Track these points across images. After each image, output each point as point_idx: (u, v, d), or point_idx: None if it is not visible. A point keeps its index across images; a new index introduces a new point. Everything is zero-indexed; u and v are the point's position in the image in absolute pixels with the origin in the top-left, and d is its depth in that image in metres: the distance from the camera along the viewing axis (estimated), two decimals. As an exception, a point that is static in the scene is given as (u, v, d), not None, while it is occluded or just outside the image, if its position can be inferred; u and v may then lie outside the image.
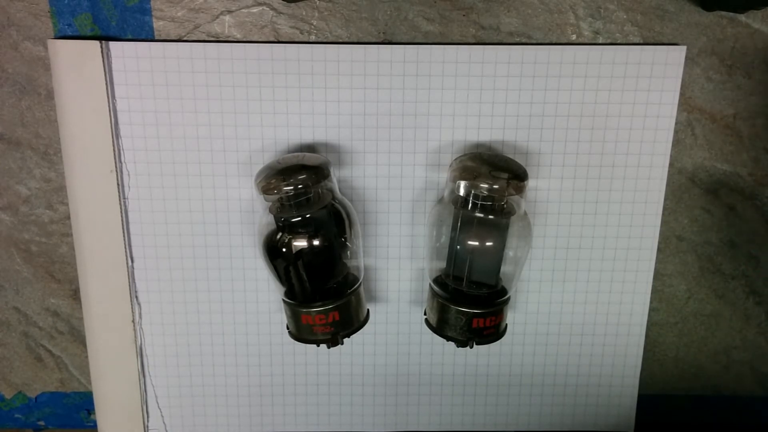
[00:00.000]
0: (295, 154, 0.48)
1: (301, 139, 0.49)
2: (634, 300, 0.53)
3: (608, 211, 0.51)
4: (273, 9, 0.46)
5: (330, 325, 0.45)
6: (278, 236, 0.45)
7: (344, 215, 0.47)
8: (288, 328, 0.48)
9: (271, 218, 0.46)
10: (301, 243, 0.45)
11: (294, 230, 0.45)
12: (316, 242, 0.45)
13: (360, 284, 0.47)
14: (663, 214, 0.51)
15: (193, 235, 0.51)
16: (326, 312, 0.45)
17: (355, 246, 0.48)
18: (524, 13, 0.47)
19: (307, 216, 0.45)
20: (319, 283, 0.46)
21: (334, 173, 0.48)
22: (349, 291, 0.46)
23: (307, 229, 0.45)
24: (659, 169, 0.50)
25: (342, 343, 0.46)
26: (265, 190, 0.45)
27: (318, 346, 0.47)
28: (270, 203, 0.46)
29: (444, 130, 0.49)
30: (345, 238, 0.47)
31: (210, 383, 0.55)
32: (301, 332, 0.47)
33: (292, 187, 0.44)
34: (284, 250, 0.45)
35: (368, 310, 0.49)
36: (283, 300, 0.47)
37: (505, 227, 0.46)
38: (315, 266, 0.45)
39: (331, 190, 0.47)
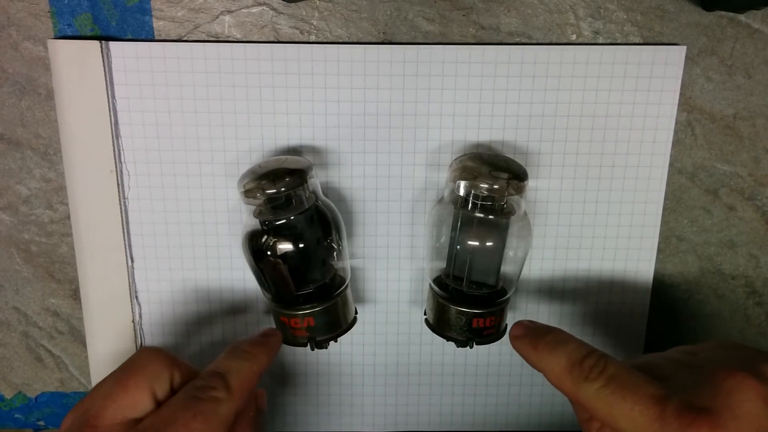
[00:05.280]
0: (277, 157, 0.48)
1: (301, 139, 0.49)
2: (634, 300, 0.53)
3: (608, 211, 0.51)
4: (273, 9, 0.47)
5: (307, 330, 0.45)
6: (262, 240, 0.45)
7: (329, 217, 0.47)
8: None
9: (255, 222, 0.46)
10: (283, 246, 0.45)
11: (277, 234, 0.45)
12: (299, 245, 0.45)
13: (346, 286, 0.47)
14: (663, 214, 0.51)
15: (194, 235, 0.51)
16: (303, 317, 0.45)
17: (340, 248, 0.48)
18: (524, 13, 0.47)
19: (291, 218, 0.45)
20: (302, 287, 0.46)
21: (329, 173, 0.47)
22: (335, 294, 0.46)
23: (290, 232, 0.45)
24: (659, 169, 0.50)
25: (326, 347, 0.47)
26: (247, 195, 0.44)
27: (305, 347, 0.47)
28: (253, 207, 0.46)
29: (444, 130, 0.49)
30: (330, 240, 0.47)
31: (210, 383, 0.55)
32: (284, 335, 0.47)
33: (273, 191, 0.44)
34: (269, 253, 0.45)
35: (356, 311, 0.49)
36: (269, 302, 0.47)
37: (505, 227, 0.46)
38: (297, 270, 0.45)
39: (315, 192, 0.47)
